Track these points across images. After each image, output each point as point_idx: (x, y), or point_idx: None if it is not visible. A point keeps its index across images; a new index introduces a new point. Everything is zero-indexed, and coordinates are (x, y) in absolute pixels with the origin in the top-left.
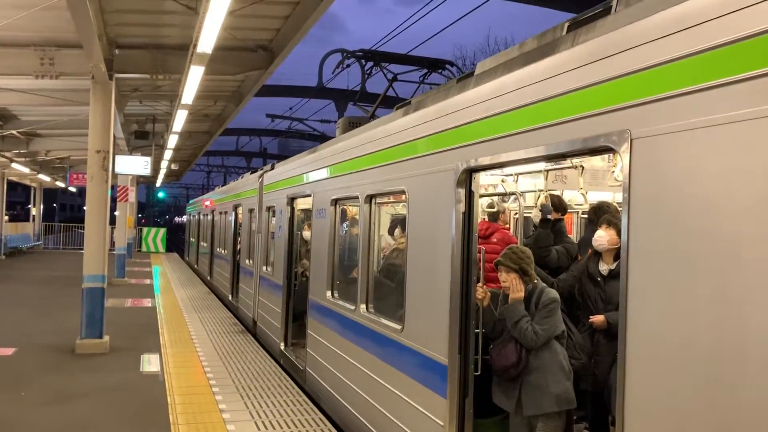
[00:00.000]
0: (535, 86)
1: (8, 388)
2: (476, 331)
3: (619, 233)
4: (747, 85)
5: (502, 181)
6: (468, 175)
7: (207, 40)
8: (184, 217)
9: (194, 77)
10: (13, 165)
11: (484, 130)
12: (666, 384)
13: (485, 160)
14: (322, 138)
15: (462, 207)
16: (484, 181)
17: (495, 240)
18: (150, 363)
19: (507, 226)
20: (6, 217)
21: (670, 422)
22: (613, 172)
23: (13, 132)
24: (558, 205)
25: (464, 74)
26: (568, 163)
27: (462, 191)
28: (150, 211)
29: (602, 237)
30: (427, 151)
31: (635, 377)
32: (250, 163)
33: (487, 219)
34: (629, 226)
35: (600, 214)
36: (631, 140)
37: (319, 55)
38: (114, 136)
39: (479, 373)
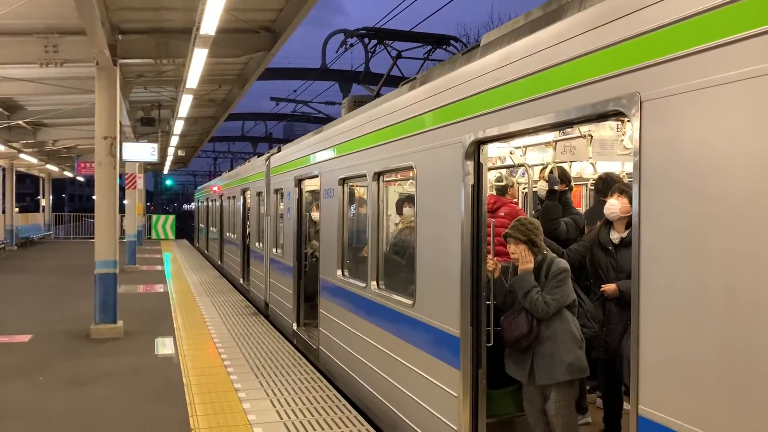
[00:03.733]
0: (542, 53)
1: (26, 373)
2: (487, 303)
3: (631, 201)
4: (761, 39)
5: (511, 153)
6: (476, 147)
7: (210, 21)
8: (192, 204)
9: (198, 60)
10: (21, 155)
11: (492, 100)
12: (681, 350)
13: (493, 131)
14: (327, 120)
15: (471, 179)
16: (492, 154)
17: (502, 214)
18: (164, 346)
19: (515, 200)
20: (16, 209)
21: (685, 388)
22: (622, 140)
23: (20, 122)
24: (563, 176)
25: (469, 47)
26: (576, 132)
27: (470, 164)
28: (158, 199)
29: (614, 205)
30: (434, 125)
31: (649, 344)
32: (256, 148)
33: (495, 193)
34: (640, 190)
35: (609, 184)
36: (641, 103)
37: (319, 38)
38: (120, 124)
39: (491, 344)
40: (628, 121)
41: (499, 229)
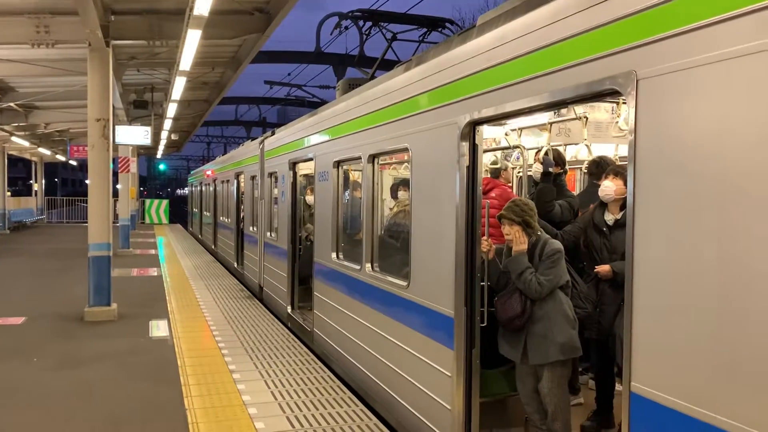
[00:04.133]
0: (538, 33)
1: (20, 355)
2: (481, 284)
3: (625, 183)
4: (759, 15)
5: (506, 135)
6: (472, 128)
7: (203, 1)
8: (185, 189)
9: (191, 42)
10: (13, 139)
11: (488, 80)
12: (673, 328)
13: (489, 112)
14: (322, 104)
15: (466, 161)
16: (487, 135)
17: (494, 195)
18: (159, 328)
19: (510, 184)
20: (8, 193)
21: (677, 365)
22: (617, 122)
23: (11, 104)
24: (558, 159)
25: (465, 28)
26: (571, 114)
27: (466, 145)
28: (152, 184)
29: (609, 187)
30: (429, 106)
31: (642, 323)
32: (249, 133)
33: (488, 175)
34: (635, 169)
35: (602, 168)
36: (636, 81)
37: (313, 22)
38: (113, 106)
39: (485, 324)
40: (624, 102)
41: (490, 211)
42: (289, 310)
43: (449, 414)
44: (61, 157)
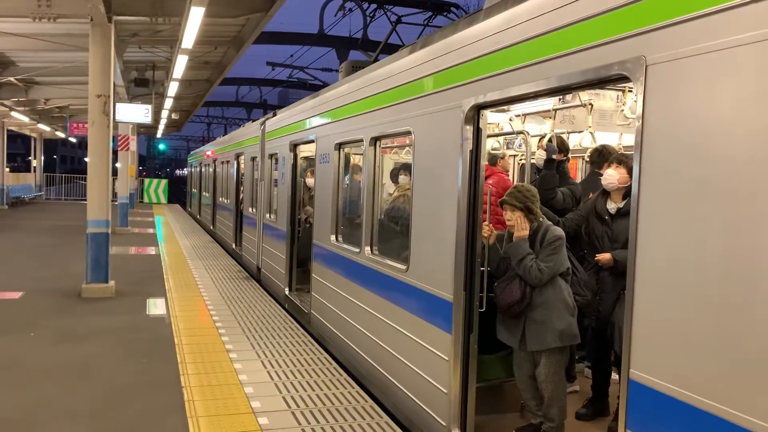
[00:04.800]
0: (546, 16)
1: (18, 329)
2: (481, 269)
3: (629, 172)
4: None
5: (510, 120)
6: (476, 112)
7: None
8: (184, 169)
9: (194, 19)
10: (13, 114)
11: (494, 64)
12: (674, 315)
13: (494, 96)
14: (323, 87)
15: (469, 145)
16: (491, 121)
17: (491, 182)
18: (156, 306)
19: (507, 172)
20: (7, 169)
21: (678, 356)
22: (622, 110)
23: (11, 79)
24: (561, 146)
25: (472, 12)
26: (576, 101)
27: (470, 129)
28: (151, 164)
29: (612, 175)
30: (434, 89)
31: (643, 310)
32: (250, 114)
33: (486, 162)
34: (642, 155)
35: (605, 156)
36: (646, 66)
37: (316, 4)
38: (114, 83)
39: (484, 309)
40: (630, 90)
41: (485, 198)
42: (287, 292)
43: (445, 398)
44: (60, 134)
